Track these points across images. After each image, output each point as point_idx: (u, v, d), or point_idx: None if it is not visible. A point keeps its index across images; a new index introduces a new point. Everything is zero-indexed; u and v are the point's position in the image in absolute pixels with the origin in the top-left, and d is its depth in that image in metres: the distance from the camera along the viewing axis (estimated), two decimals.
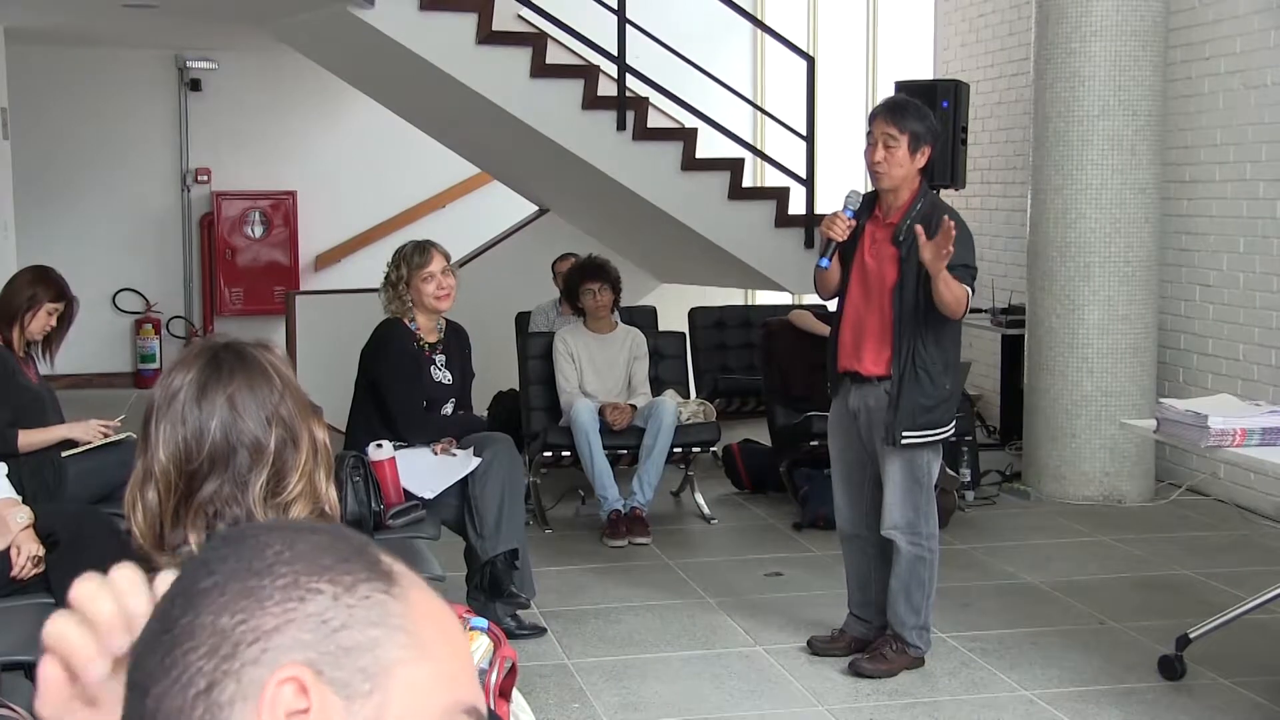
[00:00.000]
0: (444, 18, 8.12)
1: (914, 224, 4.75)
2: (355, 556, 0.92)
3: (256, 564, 0.89)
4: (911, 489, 4.90)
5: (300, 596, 0.88)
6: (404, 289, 5.48)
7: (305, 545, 0.91)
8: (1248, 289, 7.22)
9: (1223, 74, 7.37)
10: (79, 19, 10.56)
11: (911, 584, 4.95)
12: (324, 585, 0.89)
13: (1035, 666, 5.04)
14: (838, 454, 5.14)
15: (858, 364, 4.93)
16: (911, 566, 4.93)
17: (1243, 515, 7.15)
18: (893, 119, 4.84)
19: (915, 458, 4.88)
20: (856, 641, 5.13)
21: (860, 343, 4.92)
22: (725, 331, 9.24)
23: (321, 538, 0.92)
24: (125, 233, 12.21)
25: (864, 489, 5.07)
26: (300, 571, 0.89)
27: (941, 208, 4.91)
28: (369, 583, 0.90)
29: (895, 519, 4.91)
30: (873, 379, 4.90)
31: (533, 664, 4.97)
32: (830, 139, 10.92)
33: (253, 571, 0.89)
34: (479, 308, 7.89)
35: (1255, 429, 4.60)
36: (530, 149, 8.81)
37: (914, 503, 4.91)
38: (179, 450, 1.86)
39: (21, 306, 5.35)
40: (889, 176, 4.84)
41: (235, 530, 0.96)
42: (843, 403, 5.04)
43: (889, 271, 4.86)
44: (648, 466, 6.94)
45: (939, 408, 4.86)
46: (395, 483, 5.14)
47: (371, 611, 0.89)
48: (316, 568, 0.89)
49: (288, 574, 0.89)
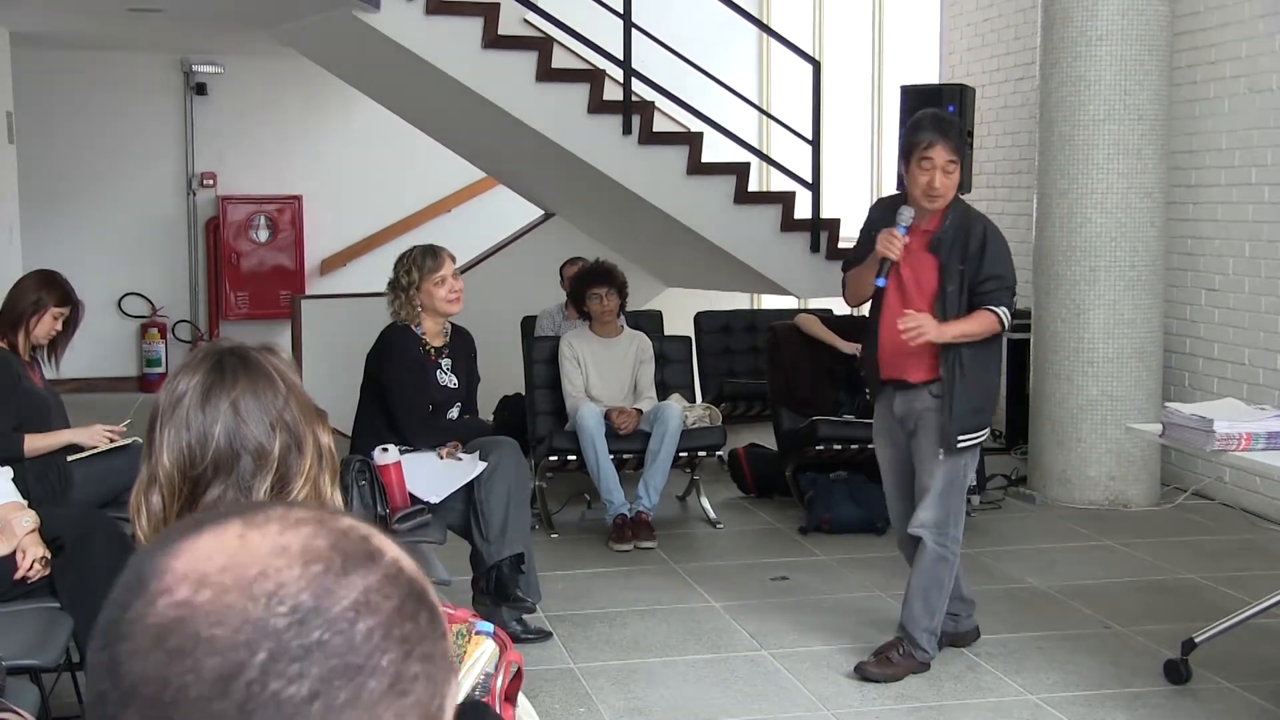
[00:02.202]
0: (450, 22, 8.13)
1: (953, 235, 4.86)
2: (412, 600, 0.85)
3: (353, 655, 0.81)
4: (948, 491, 4.95)
5: (403, 690, 0.82)
6: (414, 293, 5.48)
7: (390, 600, 0.83)
8: (1253, 293, 7.22)
9: (1228, 78, 7.36)
10: (84, 23, 10.58)
11: (930, 585, 4.98)
12: (416, 665, 0.83)
13: (1041, 671, 5.03)
14: (888, 462, 5.18)
15: (903, 372, 4.98)
16: (933, 567, 4.97)
17: (1248, 519, 7.14)
18: (951, 144, 4.88)
19: (958, 459, 4.95)
20: (946, 635, 5.16)
21: (902, 350, 4.95)
22: (731, 336, 9.24)
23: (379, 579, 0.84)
24: (131, 237, 12.22)
25: (913, 493, 5.11)
26: (394, 654, 0.82)
27: (973, 215, 4.99)
28: (432, 636, 0.85)
29: (926, 518, 4.96)
30: (917, 385, 4.96)
31: (538, 668, 4.97)
32: (836, 143, 10.94)
33: (354, 660, 0.80)
34: (485, 312, 7.90)
35: (1261, 433, 4.60)
36: (536, 153, 8.82)
37: (947, 504, 4.96)
38: (183, 455, 1.86)
39: (27, 310, 5.35)
40: (944, 199, 4.90)
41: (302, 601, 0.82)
42: (887, 409, 5.09)
43: (927, 279, 4.92)
44: (653, 471, 6.94)
45: (985, 409, 4.95)
46: (401, 487, 5.14)
47: (442, 669, 0.85)
48: (402, 637, 0.82)
49: (388, 663, 0.81)
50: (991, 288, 4.85)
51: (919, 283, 4.93)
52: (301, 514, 0.86)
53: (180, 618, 0.80)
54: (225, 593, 0.80)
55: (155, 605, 0.81)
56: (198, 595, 0.81)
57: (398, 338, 5.53)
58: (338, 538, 0.85)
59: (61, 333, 5.47)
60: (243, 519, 0.85)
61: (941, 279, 4.87)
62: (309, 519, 0.85)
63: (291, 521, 0.85)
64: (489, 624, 2.65)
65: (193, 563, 0.82)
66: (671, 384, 7.61)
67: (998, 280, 4.87)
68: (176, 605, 0.81)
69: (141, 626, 0.81)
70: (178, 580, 0.82)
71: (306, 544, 0.84)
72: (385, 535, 0.88)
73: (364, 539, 0.86)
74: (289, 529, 0.84)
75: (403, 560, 0.86)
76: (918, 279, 4.93)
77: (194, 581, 0.81)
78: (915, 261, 4.94)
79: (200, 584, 0.81)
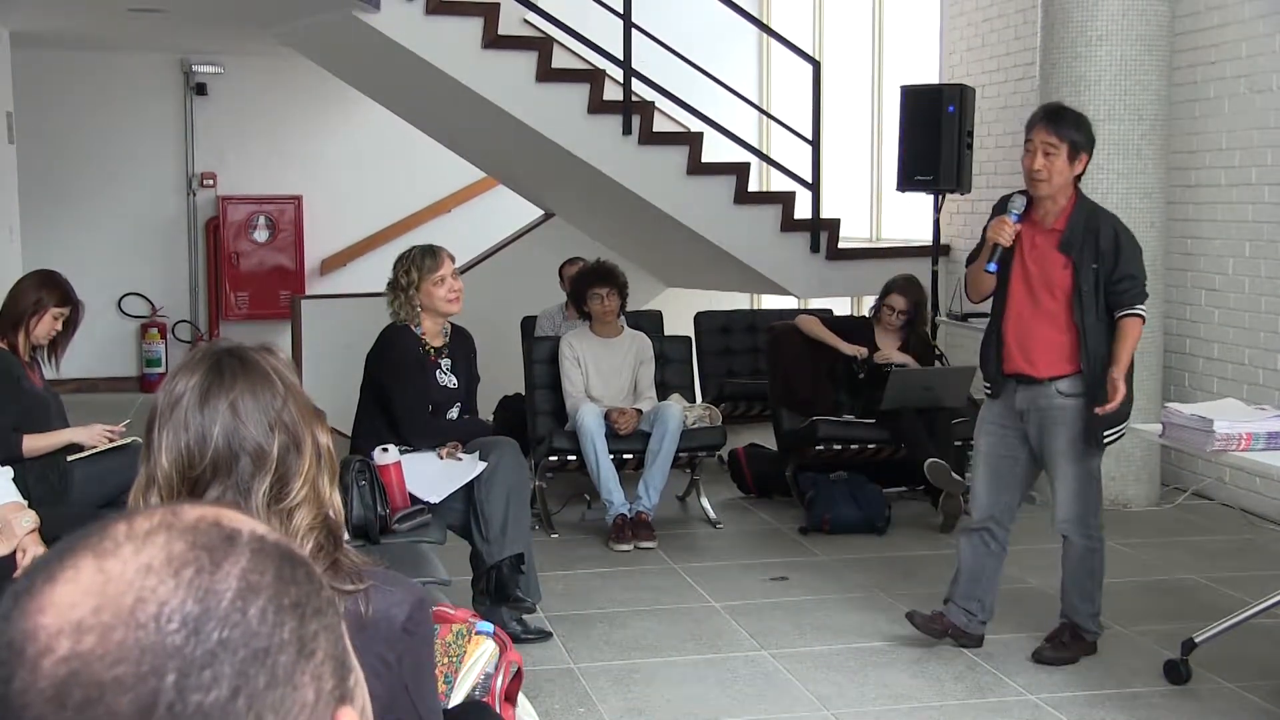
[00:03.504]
0: (450, 22, 8.14)
1: (1082, 233, 4.87)
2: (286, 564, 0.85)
3: (256, 640, 0.81)
4: (1086, 484, 5.02)
5: (310, 651, 0.84)
6: (414, 293, 5.48)
7: (267, 573, 0.84)
8: (1253, 293, 7.22)
9: (1228, 78, 7.36)
10: (85, 23, 10.58)
11: (1082, 574, 5.10)
12: (313, 623, 0.84)
13: (1041, 671, 5.03)
14: (988, 449, 5.20)
15: (1028, 367, 5.01)
16: (1083, 558, 5.08)
17: (1248, 519, 7.14)
18: (1053, 127, 4.89)
19: (1090, 454, 4.99)
20: (954, 628, 5.23)
21: (1028, 345, 5.00)
22: (731, 336, 9.24)
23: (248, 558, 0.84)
24: (131, 237, 12.23)
25: (1011, 485, 5.17)
26: (291, 622, 0.83)
27: (1102, 214, 5.01)
28: (315, 590, 0.86)
29: (1068, 514, 5.04)
30: (1044, 381, 4.98)
31: (538, 668, 4.97)
32: (836, 143, 10.94)
33: (259, 644, 0.81)
34: (485, 312, 7.90)
35: (1261, 433, 4.60)
36: (536, 153, 8.82)
37: (1086, 498, 5.04)
38: (181, 456, 1.86)
39: (27, 311, 5.35)
40: (1049, 184, 4.90)
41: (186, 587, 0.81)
42: (1006, 403, 5.11)
43: (1058, 277, 4.93)
44: (653, 471, 6.94)
45: (1125, 405, 4.96)
46: (401, 487, 5.14)
47: (332, 616, 0.87)
48: (291, 603, 0.84)
49: (289, 633, 0.83)
50: (1127, 287, 4.87)
51: (1049, 282, 4.95)
52: (145, 523, 0.84)
53: (74, 671, 0.77)
54: (110, 631, 0.78)
55: (41, 669, 0.78)
56: (81, 644, 0.78)
57: (397, 338, 5.53)
58: (193, 535, 0.84)
59: (61, 333, 5.47)
60: (92, 552, 0.82)
61: (1076, 279, 4.88)
62: (157, 526, 0.84)
63: (141, 536, 0.83)
64: (489, 624, 2.66)
65: (61, 614, 0.79)
66: (671, 384, 7.61)
67: (1132, 281, 4.88)
68: (64, 661, 0.78)
69: (35, 694, 0.78)
70: (53, 637, 0.79)
71: (167, 554, 0.82)
72: (227, 509, 0.88)
73: (215, 525, 0.85)
74: (143, 546, 0.82)
75: (258, 528, 0.87)
76: (1048, 278, 4.95)
77: (71, 632, 0.78)
78: (1046, 261, 4.95)
79: (79, 632, 0.78)
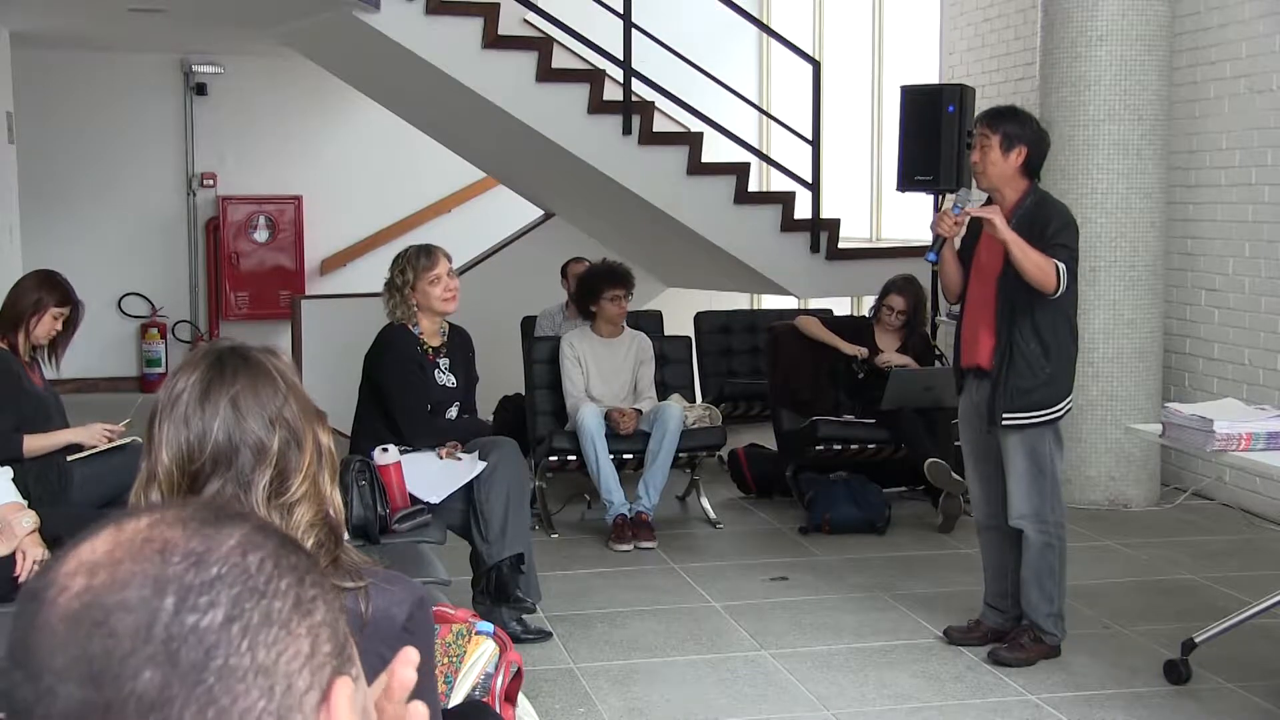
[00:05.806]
0: (450, 22, 8.14)
1: (1029, 224, 4.90)
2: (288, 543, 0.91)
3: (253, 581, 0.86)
4: (1036, 478, 5.00)
5: (308, 610, 0.88)
6: (409, 293, 5.48)
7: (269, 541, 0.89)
8: (1253, 293, 7.22)
9: (1228, 78, 7.36)
10: (85, 23, 10.58)
11: (1041, 571, 5.07)
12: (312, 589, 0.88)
13: (1041, 671, 5.03)
14: (969, 448, 5.26)
15: (977, 358, 5.07)
16: (1040, 554, 5.05)
17: (1248, 519, 7.14)
18: (987, 121, 5.03)
19: (1036, 446, 4.99)
20: (993, 632, 5.25)
21: (976, 337, 5.07)
22: (731, 336, 9.24)
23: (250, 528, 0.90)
24: (131, 237, 12.23)
25: (994, 480, 5.17)
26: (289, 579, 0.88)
27: (1049, 204, 5.04)
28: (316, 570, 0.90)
29: (1021, 508, 5.03)
30: (988, 371, 5.03)
31: (538, 668, 4.97)
32: (836, 143, 10.94)
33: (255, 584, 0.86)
34: (484, 312, 7.90)
35: (1261, 433, 4.60)
36: (536, 153, 8.82)
37: (1039, 490, 5.01)
38: (181, 451, 1.86)
39: (27, 310, 5.35)
40: (985, 176, 5.00)
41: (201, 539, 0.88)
42: (968, 397, 5.18)
43: (998, 265, 4.98)
44: (653, 471, 6.94)
45: (1038, 390, 4.95)
46: (401, 487, 5.14)
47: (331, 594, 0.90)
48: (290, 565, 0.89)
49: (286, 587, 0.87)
50: (1054, 246, 4.87)
51: (992, 269, 4.99)
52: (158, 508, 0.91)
53: (86, 603, 0.84)
54: (119, 565, 0.85)
55: (58, 605, 0.85)
56: (95, 579, 0.85)
57: (395, 338, 5.53)
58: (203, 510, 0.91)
59: (61, 333, 5.47)
60: (114, 523, 0.90)
61: (1005, 262, 4.90)
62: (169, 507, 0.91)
63: (155, 511, 0.90)
64: (489, 624, 2.66)
65: (79, 560, 0.86)
66: (671, 384, 7.61)
67: (1062, 248, 4.89)
68: (78, 596, 0.85)
69: (53, 627, 0.84)
70: (70, 576, 0.86)
71: (178, 515, 0.89)
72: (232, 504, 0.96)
73: (224, 506, 0.93)
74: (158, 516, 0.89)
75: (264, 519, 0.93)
76: (991, 265, 5.00)
77: (86, 571, 0.85)
78: (991, 248, 4.99)
79: (93, 570, 0.85)
